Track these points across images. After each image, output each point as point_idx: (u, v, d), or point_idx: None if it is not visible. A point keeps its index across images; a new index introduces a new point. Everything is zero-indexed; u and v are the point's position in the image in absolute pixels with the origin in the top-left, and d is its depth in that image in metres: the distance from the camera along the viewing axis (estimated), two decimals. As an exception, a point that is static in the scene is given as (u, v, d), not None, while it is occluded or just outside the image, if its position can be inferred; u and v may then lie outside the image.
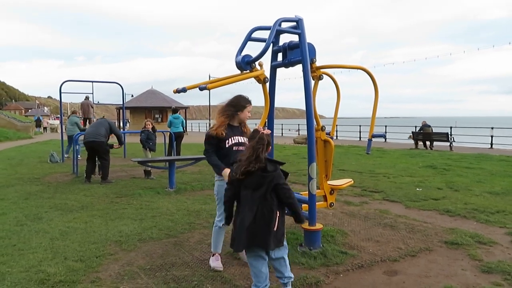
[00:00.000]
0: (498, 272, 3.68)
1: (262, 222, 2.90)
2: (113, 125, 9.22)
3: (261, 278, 3.03)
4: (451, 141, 18.42)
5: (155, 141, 9.64)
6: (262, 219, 2.90)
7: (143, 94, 36.67)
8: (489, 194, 7.25)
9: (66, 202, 6.64)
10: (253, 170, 2.89)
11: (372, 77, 4.69)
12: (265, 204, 2.92)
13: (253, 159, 2.89)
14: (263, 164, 2.91)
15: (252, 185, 2.93)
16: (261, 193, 2.91)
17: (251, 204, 2.91)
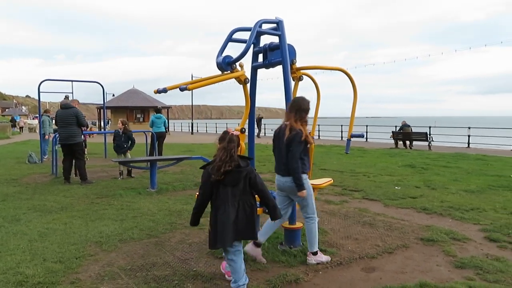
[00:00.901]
0: (471, 267, 3.81)
1: (245, 216, 3.12)
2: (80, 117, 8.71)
3: (240, 274, 3.18)
4: (429, 141, 18.82)
5: (121, 143, 9.18)
6: (244, 213, 3.12)
7: (125, 94, 36.24)
8: (465, 192, 7.46)
9: (45, 203, 6.55)
10: (230, 169, 3.05)
11: (351, 78, 4.78)
12: (246, 199, 3.14)
13: (228, 159, 3.08)
14: (237, 161, 3.11)
15: (231, 182, 3.10)
16: (240, 189, 3.12)
17: (233, 200, 3.10)
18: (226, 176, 3.07)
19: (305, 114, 3.89)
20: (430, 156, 14.17)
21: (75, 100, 9.75)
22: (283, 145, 3.87)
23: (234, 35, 4.36)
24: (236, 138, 3.24)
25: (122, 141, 9.22)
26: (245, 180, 3.13)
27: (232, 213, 3.08)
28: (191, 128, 38.18)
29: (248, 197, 3.17)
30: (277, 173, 4.07)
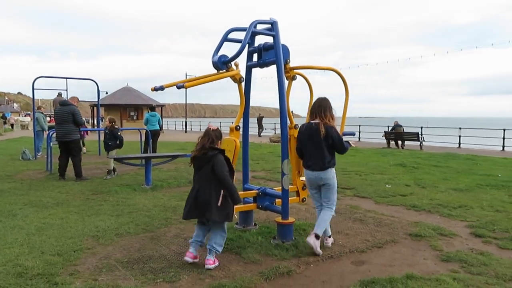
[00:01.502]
0: (456, 261, 3.97)
1: (205, 196, 3.66)
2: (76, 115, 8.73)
3: (198, 237, 3.88)
4: (421, 141, 19.07)
5: (106, 140, 9.14)
6: (204, 193, 3.67)
7: (118, 91, 36.11)
8: (454, 191, 7.65)
9: (40, 199, 6.62)
10: (198, 155, 3.74)
11: (343, 78, 4.92)
12: (208, 182, 3.68)
13: (200, 148, 3.74)
14: (206, 150, 3.71)
15: (196, 166, 3.80)
16: (204, 172, 3.71)
17: (197, 182, 3.77)
18: (194, 161, 3.76)
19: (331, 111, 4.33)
20: (421, 155, 14.39)
21: (74, 98, 9.74)
22: (321, 142, 4.22)
23: (229, 35, 4.48)
24: (213, 132, 3.81)
25: (107, 139, 9.18)
26: (208, 165, 3.67)
27: (194, 192, 3.72)
28: (185, 126, 38.19)
29: (211, 181, 3.66)
30: (314, 170, 4.29)
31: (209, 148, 3.72)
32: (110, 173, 9.02)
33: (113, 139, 9.11)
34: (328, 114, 4.23)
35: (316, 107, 4.29)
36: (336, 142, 4.23)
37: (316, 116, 4.25)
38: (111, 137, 9.14)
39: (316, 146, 4.27)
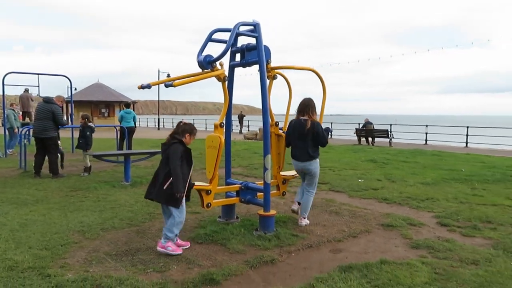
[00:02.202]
0: (424, 247, 4.31)
1: (157, 180, 4.05)
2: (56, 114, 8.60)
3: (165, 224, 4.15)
4: (390, 138, 19.79)
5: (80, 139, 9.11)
6: (157, 178, 4.05)
7: (89, 88, 35.41)
8: (421, 184, 8.10)
9: (18, 196, 6.58)
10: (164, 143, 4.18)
11: (321, 78, 5.19)
12: (161, 167, 4.07)
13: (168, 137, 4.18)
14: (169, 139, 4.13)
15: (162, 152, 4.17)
16: (162, 160, 4.13)
17: (158, 167, 4.15)
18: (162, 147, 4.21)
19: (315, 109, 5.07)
20: (390, 152, 14.97)
21: (60, 97, 9.50)
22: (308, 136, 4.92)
23: (213, 35, 4.65)
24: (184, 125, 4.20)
25: (80, 136, 9.15)
26: (166, 152, 4.07)
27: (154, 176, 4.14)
28: (157, 123, 37.83)
29: (165, 166, 4.03)
30: (300, 160, 5.05)
31: (171, 137, 4.14)
32: (86, 170, 8.99)
33: (83, 137, 9.07)
34: (314, 112, 4.99)
35: (304, 106, 4.99)
36: (320, 136, 4.95)
37: (304, 114, 4.97)
38: (83, 134, 9.09)
39: (303, 140, 4.95)
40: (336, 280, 3.39)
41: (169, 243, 4.02)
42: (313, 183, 5.15)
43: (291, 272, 3.66)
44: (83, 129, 9.09)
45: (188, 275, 3.50)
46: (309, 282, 3.36)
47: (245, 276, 3.55)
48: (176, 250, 4.02)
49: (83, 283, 3.26)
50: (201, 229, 4.75)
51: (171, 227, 4.02)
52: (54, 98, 8.95)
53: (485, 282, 3.39)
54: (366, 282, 3.35)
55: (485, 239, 4.63)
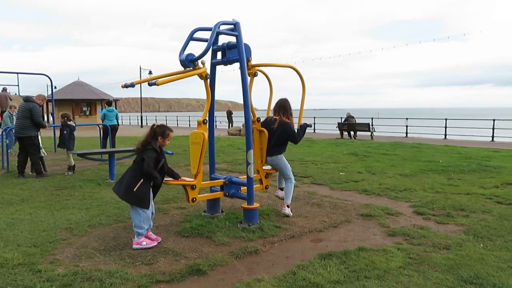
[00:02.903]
0: (400, 235, 4.55)
1: (125, 181, 4.22)
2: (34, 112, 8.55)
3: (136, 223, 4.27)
4: (372, 131, 20.18)
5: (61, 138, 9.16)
6: (125, 179, 4.24)
7: (69, 86, 34.86)
8: (400, 176, 8.39)
9: (2, 197, 6.59)
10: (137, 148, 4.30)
11: (300, 75, 5.37)
12: (131, 169, 4.28)
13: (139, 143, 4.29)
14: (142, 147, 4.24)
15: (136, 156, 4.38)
16: (133, 162, 4.33)
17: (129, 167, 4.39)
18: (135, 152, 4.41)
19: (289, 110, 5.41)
20: (371, 145, 15.32)
21: (41, 95, 9.39)
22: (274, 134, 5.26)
23: (195, 34, 4.77)
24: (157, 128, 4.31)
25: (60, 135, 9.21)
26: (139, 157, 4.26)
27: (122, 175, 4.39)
28: (140, 121, 37.57)
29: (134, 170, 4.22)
30: (268, 155, 5.38)
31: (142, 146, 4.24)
32: (70, 169, 9.00)
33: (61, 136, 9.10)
34: (286, 113, 5.34)
35: (277, 106, 5.38)
36: (289, 135, 5.31)
37: (276, 114, 5.36)
38: (61, 133, 9.12)
39: (270, 137, 5.28)
40: (317, 267, 3.58)
41: (142, 239, 4.18)
42: (285, 174, 5.42)
43: (274, 261, 3.84)
44: (62, 128, 9.12)
45: (176, 267, 3.64)
46: (291, 270, 3.54)
47: (230, 266, 3.71)
48: (151, 242, 4.20)
49: (73, 277, 3.37)
50: (187, 223, 4.89)
51: (140, 224, 4.18)
52: (34, 97, 8.92)
53: (455, 264, 3.63)
54: (344, 268, 3.55)
55: (458, 226, 4.89)
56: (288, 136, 5.31)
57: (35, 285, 3.23)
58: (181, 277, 3.44)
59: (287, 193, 5.40)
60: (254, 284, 3.26)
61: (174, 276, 3.45)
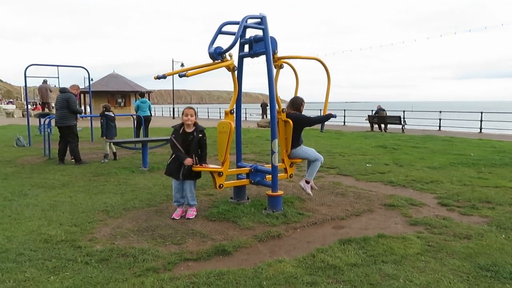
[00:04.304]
0: (422, 225, 4.62)
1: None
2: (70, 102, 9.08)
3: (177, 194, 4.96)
4: (403, 124, 19.87)
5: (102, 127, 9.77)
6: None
7: (105, 78, 36.05)
8: (428, 169, 8.34)
9: (45, 181, 7.08)
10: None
11: (326, 67, 5.48)
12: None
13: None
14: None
15: None
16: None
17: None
18: None
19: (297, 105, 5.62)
20: (401, 138, 15.14)
21: (75, 86, 10.04)
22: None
23: (223, 28, 4.97)
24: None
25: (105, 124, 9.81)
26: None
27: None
28: (172, 112, 38.40)
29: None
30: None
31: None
32: (106, 157, 9.53)
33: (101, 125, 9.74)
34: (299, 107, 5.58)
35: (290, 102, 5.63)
36: (300, 121, 5.46)
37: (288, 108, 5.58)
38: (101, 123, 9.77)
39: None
40: (336, 250, 3.74)
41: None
42: (311, 159, 5.57)
43: (295, 245, 4.03)
44: (100, 118, 9.74)
45: (202, 247, 3.90)
46: (311, 253, 3.72)
47: (253, 248, 3.93)
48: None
49: (110, 253, 3.69)
50: (214, 209, 5.15)
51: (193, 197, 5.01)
52: (69, 88, 9.53)
53: (473, 253, 3.69)
54: (362, 253, 3.69)
55: (482, 217, 4.90)
56: (300, 122, 5.44)
57: (76, 259, 3.57)
58: (207, 256, 3.69)
59: (311, 169, 5.57)
60: (275, 264, 3.46)
61: (201, 255, 3.70)
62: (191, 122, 4.86)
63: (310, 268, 3.38)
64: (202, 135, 4.92)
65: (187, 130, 4.88)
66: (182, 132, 4.88)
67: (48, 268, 3.39)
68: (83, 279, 3.17)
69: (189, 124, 4.86)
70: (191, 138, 4.86)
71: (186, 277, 3.20)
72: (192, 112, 4.89)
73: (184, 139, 4.85)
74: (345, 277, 3.20)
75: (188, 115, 4.84)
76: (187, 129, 4.88)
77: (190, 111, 4.89)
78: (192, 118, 4.86)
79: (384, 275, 3.24)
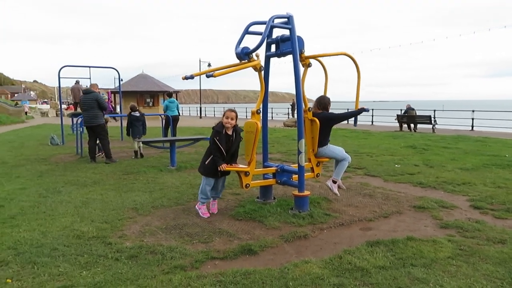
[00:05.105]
0: (453, 228, 4.49)
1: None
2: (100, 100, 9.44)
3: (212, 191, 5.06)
4: (433, 124, 19.34)
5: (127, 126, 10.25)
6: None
7: (134, 78, 36.86)
8: (460, 170, 8.09)
9: (78, 179, 7.31)
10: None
11: (355, 61, 5.41)
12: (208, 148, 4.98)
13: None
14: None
15: None
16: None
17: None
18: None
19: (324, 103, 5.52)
20: (432, 138, 14.75)
21: (95, 85, 10.41)
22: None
23: (250, 28, 4.98)
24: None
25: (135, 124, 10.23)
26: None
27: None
28: (199, 112, 38.83)
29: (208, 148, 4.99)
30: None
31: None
32: (136, 155, 9.92)
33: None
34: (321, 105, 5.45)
35: (317, 102, 5.51)
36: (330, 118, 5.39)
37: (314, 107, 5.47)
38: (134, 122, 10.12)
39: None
40: (363, 252, 3.69)
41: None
42: (340, 156, 5.46)
43: (322, 246, 4.00)
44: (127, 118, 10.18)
45: (229, 246, 3.93)
46: (337, 254, 3.68)
47: (280, 248, 3.93)
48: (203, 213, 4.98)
49: (139, 250, 3.78)
50: (240, 208, 5.17)
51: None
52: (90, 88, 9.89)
53: (508, 258, 3.56)
54: (391, 255, 3.63)
55: (517, 221, 4.72)
56: (330, 120, 5.38)
57: (107, 255, 3.67)
58: (234, 255, 3.72)
59: (339, 169, 5.48)
60: (302, 265, 3.44)
61: (227, 254, 3.73)
62: (230, 125, 4.91)
63: (337, 270, 3.35)
64: (240, 137, 5.03)
65: (228, 132, 4.94)
66: (225, 134, 4.92)
67: (80, 263, 3.50)
68: (113, 275, 3.26)
69: (228, 127, 4.92)
70: (231, 140, 4.95)
71: (213, 276, 3.24)
72: (233, 115, 4.92)
73: (226, 141, 4.92)
74: (373, 280, 3.15)
75: (229, 118, 4.88)
76: (227, 131, 4.94)
77: (232, 114, 4.91)
78: (232, 122, 4.91)
79: (413, 278, 3.18)
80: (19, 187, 6.58)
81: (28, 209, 5.24)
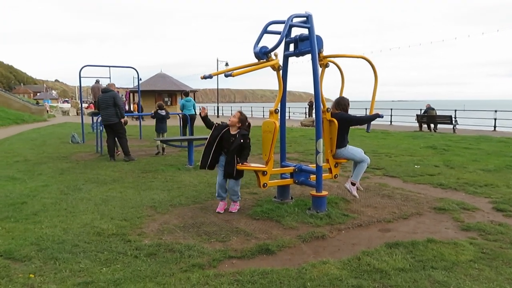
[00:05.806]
0: (475, 230, 4.39)
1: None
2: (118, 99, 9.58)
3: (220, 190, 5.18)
4: (454, 124, 18.95)
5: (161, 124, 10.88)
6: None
7: (153, 78, 37.33)
8: (482, 171, 7.91)
9: (97, 177, 7.43)
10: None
11: (373, 66, 5.34)
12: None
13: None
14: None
15: None
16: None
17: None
18: None
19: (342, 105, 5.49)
20: (452, 138, 14.46)
21: (112, 84, 10.54)
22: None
23: (269, 27, 4.98)
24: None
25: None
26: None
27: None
28: (216, 111, 39.03)
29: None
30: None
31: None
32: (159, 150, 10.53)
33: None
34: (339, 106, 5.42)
35: (336, 103, 5.48)
36: (347, 119, 5.35)
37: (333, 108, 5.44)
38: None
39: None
40: (382, 254, 3.64)
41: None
42: (359, 158, 5.42)
43: (340, 246, 3.97)
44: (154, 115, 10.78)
45: (246, 245, 3.93)
46: (356, 255, 3.65)
47: (297, 248, 3.92)
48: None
49: (157, 248, 3.82)
50: (258, 207, 5.18)
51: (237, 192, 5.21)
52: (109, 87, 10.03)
53: (533, 262, 3.46)
54: (410, 257, 3.57)
55: (542, 225, 4.59)
56: (347, 121, 5.34)
57: (126, 252, 3.72)
58: (251, 254, 3.72)
59: (357, 171, 5.44)
60: (319, 265, 3.42)
61: (245, 253, 3.73)
62: (230, 122, 5.09)
63: (355, 271, 3.32)
64: (244, 140, 5.03)
65: (231, 131, 5.02)
66: (226, 131, 5.06)
67: (100, 260, 3.56)
68: (132, 272, 3.30)
69: (231, 126, 5.06)
70: (232, 140, 4.99)
71: (231, 275, 3.25)
72: (237, 115, 5.10)
73: (227, 138, 5.03)
74: (392, 282, 3.11)
75: (233, 116, 5.10)
76: (231, 130, 5.04)
77: (236, 114, 5.14)
78: (233, 119, 5.07)
79: (433, 281, 3.12)
80: (41, 184, 6.73)
81: (50, 206, 5.35)
